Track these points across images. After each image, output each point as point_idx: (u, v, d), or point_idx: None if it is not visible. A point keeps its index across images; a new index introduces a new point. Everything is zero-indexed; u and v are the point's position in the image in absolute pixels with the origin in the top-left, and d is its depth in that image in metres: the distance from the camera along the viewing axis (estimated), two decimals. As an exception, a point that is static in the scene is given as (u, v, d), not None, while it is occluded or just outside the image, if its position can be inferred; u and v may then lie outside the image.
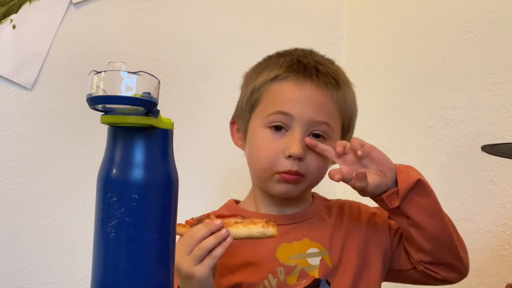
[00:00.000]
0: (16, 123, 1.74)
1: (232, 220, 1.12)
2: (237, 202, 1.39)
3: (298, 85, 1.28)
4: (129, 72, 0.86)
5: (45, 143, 1.76)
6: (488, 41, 1.50)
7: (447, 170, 1.58)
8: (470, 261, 1.46)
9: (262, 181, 1.31)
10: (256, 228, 1.10)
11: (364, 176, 1.19)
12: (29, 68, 1.74)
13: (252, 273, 1.27)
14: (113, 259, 0.88)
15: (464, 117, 1.54)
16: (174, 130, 0.93)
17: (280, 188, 1.28)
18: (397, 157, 1.73)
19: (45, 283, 1.75)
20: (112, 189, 0.88)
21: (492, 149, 1.21)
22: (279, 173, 1.26)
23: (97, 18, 1.80)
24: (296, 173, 1.26)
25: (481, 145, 1.23)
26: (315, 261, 1.28)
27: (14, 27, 1.73)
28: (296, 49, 1.38)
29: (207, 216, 1.14)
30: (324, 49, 1.44)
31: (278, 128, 1.28)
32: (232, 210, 1.35)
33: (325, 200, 1.41)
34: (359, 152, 1.21)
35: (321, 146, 1.25)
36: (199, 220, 1.13)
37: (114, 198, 0.88)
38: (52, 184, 1.76)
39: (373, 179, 1.21)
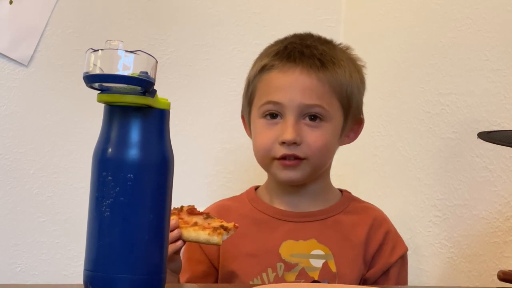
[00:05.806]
0: (12, 99, 1.73)
1: (194, 218, 1.13)
2: (257, 187, 1.40)
3: (283, 72, 1.29)
4: (126, 51, 0.86)
5: (40, 120, 1.76)
6: (486, 27, 1.50)
7: (442, 156, 1.58)
8: (464, 247, 1.47)
9: (266, 169, 1.32)
10: (203, 235, 1.11)
11: None
12: (26, 44, 1.73)
13: (252, 264, 1.28)
14: (108, 238, 0.88)
15: (460, 103, 1.54)
16: (170, 110, 0.93)
17: (282, 174, 1.28)
18: (393, 142, 1.74)
19: (39, 260, 1.75)
20: (108, 168, 0.88)
21: (488, 136, 1.20)
22: (277, 159, 1.27)
23: (95, -4, 1.79)
24: (293, 156, 1.26)
25: (477, 132, 1.22)
26: (318, 263, 1.28)
27: (11, 2, 1.72)
28: (293, 35, 1.37)
29: (180, 209, 1.14)
30: (322, 32, 1.43)
31: (273, 116, 1.29)
32: (250, 199, 1.37)
33: (359, 201, 1.40)
34: None
35: None
36: (172, 213, 1.13)
37: (109, 177, 0.88)
38: (47, 162, 1.76)
39: None
